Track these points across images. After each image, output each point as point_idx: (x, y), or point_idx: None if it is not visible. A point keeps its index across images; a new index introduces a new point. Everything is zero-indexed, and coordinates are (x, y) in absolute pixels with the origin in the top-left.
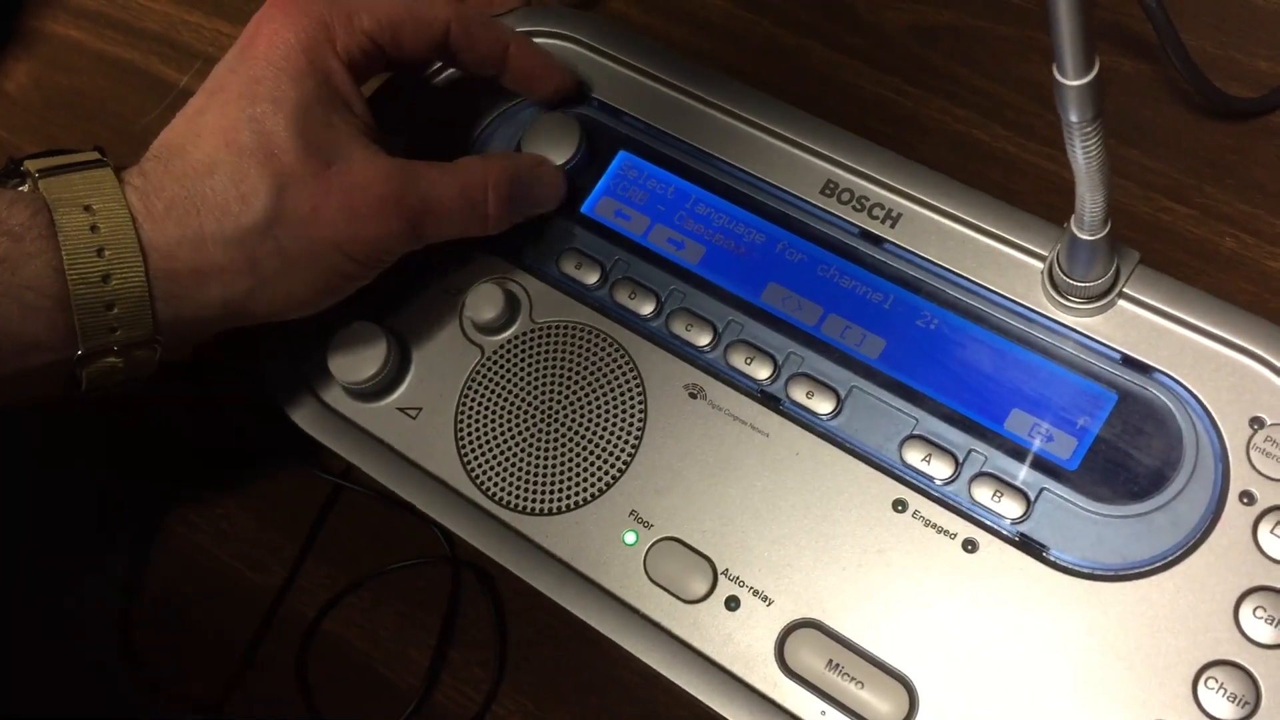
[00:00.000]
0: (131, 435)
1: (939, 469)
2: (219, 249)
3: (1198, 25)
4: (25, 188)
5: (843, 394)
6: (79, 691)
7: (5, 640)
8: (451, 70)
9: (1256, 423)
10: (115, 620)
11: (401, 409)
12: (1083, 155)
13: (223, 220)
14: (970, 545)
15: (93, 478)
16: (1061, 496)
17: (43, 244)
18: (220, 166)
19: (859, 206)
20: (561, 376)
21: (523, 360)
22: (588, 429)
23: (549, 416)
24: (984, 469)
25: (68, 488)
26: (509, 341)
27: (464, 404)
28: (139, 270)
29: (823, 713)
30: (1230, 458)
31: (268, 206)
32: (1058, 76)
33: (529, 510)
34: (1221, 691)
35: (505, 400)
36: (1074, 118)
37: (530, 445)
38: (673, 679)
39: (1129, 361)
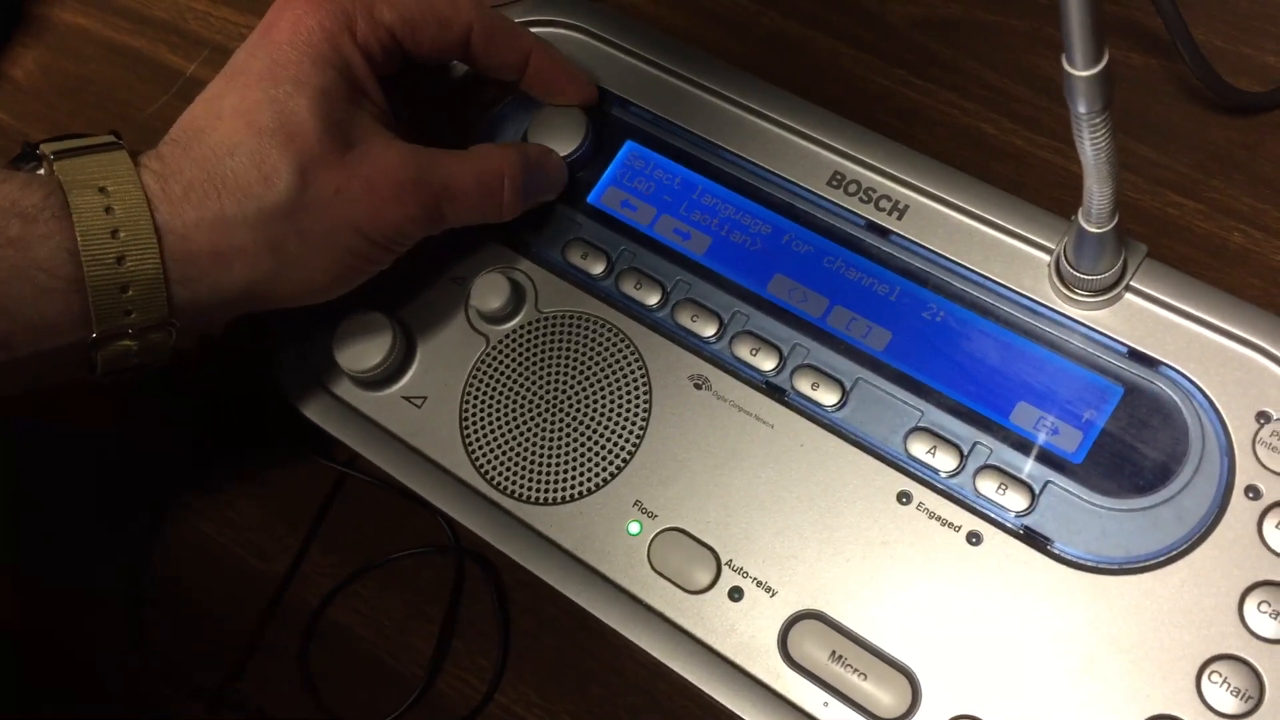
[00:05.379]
0: (137, 424)
1: (944, 461)
2: (241, 231)
3: (1207, 19)
4: (41, 172)
5: (848, 386)
6: (85, 678)
7: (13, 627)
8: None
9: (1263, 417)
10: (121, 608)
11: (406, 398)
12: (1091, 147)
13: (245, 202)
14: (974, 538)
15: (99, 467)
16: (1066, 490)
17: (56, 225)
18: (241, 148)
19: (866, 198)
20: (566, 366)
21: (528, 350)
22: (592, 419)
23: (554, 406)
24: (989, 462)
25: (73, 477)
26: (514, 331)
27: (469, 393)
28: (154, 252)
29: (825, 704)
30: (1236, 452)
31: (290, 187)
32: (1066, 67)
33: (533, 499)
34: (1225, 686)
35: (510, 389)
36: (1082, 109)
37: (535, 435)
38: (676, 669)
39: (1135, 355)
